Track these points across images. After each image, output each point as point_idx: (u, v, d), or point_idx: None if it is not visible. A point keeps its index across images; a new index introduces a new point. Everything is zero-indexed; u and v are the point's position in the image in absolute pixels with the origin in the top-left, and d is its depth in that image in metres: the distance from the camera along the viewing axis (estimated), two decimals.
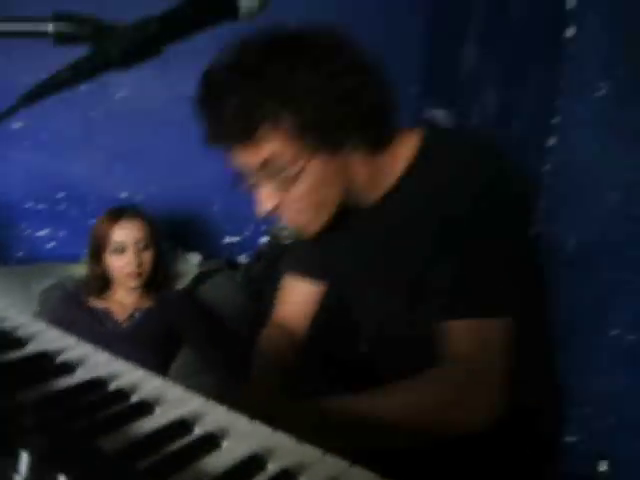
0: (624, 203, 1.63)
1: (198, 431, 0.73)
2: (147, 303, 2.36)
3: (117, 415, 0.74)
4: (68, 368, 0.84)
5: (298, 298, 1.50)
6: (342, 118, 1.10)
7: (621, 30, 1.56)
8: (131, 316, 2.31)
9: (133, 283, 2.32)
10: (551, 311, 1.36)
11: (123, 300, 2.36)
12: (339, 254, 1.39)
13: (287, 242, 2.59)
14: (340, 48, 1.13)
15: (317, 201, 1.17)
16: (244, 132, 1.10)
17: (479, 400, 1.08)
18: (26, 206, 2.88)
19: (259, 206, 1.18)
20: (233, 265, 2.85)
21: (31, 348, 0.89)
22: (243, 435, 0.72)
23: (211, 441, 0.70)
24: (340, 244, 1.35)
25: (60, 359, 0.86)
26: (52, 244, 2.92)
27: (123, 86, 2.78)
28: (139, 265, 2.30)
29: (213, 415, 0.75)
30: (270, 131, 1.09)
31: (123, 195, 2.86)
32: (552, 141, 1.66)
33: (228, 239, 2.94)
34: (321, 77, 1.08)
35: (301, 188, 1.14)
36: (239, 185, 1.20)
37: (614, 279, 1.69)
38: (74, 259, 2.73)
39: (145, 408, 0.76)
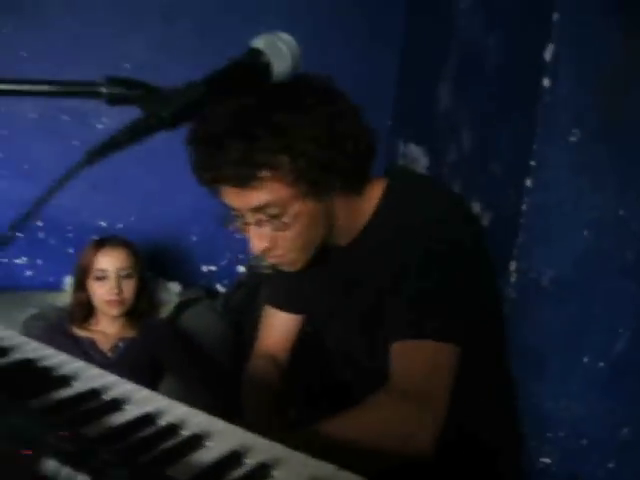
0: (594, 240, 1.76)
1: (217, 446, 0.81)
2: (131, 333, 2.39)
3: (174, 448, 0.81)
4: (118, 404, 0.91)
5: (279, 328, 1.56)
6: (332, 164, 1.15)
7: (592, 82, 1.70)
8: (115, 346, 2.34)
9: (114, 311, 2.34)
10: (520, 345, 1.43)
11: (106, 330, 2.39)
12: (313, 288, 1.45)
13: (265, 272, 2.66)
14: (332, 95, 1.18)
15: (305, 241, 1.23)
16: (244, 178, 1.12)
17: (424, 422, 1.08)
18: (5, 235, 2.89)
19: (252, 245, 1.22)
20: (212, 293, 2.91)
21: (79, 386, 0.95)
22: (224, 436, 0.84)
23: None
24: (314, 280, 1.42)
25: (108, 395, 0.93)
26: (30, 272, 2.94)
27: (103, 116, 2.83)
28: (119, 293, 2.33)
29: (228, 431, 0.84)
30: (268, 177, 1.13)
31: (102, 224, 2.90)
32: (529, 182, 1.79)
33: (205, 268, 3.00)
34: (317, 124, 1.13)
35: (292, 230, 1.19)
36: (228, 223, 1.24)
37: (586, 311, 1.82)
38: (53, 287, 2.75)
39: (197, 440, 0.84)
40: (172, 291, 2.68)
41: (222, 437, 0.86)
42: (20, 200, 2.77)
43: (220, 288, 2.98)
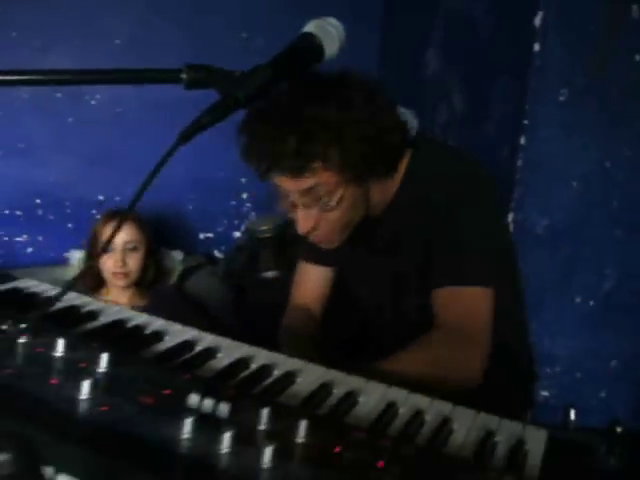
0: (583, 191, 1.93)
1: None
2: (141, 302, 2.48)
3: (274, 383, 0.95)
4: (212, 352, 1.03)
5: (314, 282, 1.68)
6: (374, 156, 1.28)
7: (578, 46, 1.84)
8: None
9: (120, 283, 2.44)
10: (523, 283, 1.60)
11: (117, 299, 2.48)
12: (349, 251, 1.55)
13: (264, 236, 2.78)
14: (374, 93, 1.30)
15: (346, 223, 1.37)
16: (298, 168, 1.24)
17: (468, 361, 1.26)
18: (4, 213, 2.95)
19: (299, 226, 1.34)
20: (211, 260, 3.02)
21: (170, 340, 1.07)
22: (310, 373, 0.99)
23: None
24: (350, 243, 1.52)
25: (200, 346, 1.06)
26: (31, 249, 3.01)
27: (97, 92, 2.89)
28: (124, 266, 2.41)
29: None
30: (319, 167, 1.25)
31: (100, 198, 2.97)
32: (523, 140, 1.94)
33: (203, 235, 3.10)
34: (362, 120, 1.25)
35: (336, 213, 1.32)
36: (277, 204, 1.38)
37: (577, 255, 1.98)
38: (54, 263, 2.83)
39: (289, 377, 0.98)
40: (175, 259, 2.79)
41: (308, 374, 1.00)
42: (16, 178, 2.89)
43: (218, 254, 3.09)
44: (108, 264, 2.42)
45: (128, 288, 2.47)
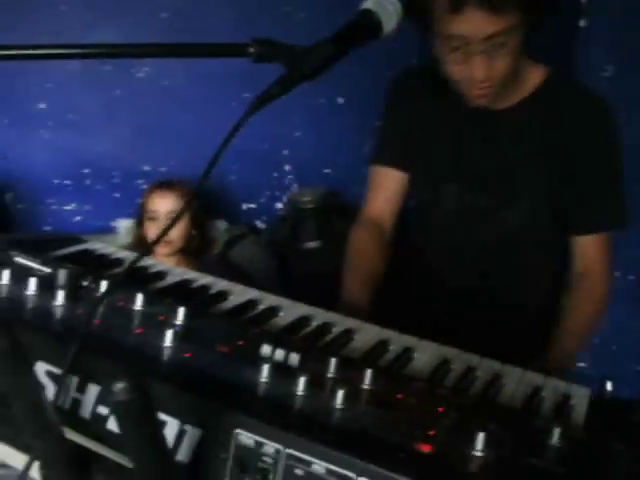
0: (627, 167, 1.95)
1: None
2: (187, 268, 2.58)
3: (335, 339, 1.02)
4: (275, 311, 1.10)
5: (387, 191, 1.63)
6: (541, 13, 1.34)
7: (623, 22, 1.86)
8: None
9: (163, 251, 2.53)
10: None
11: None
12: (437, 143, 1.57)
13: (307, 207, 2.85)
14: None
15: (508, 77, 1.40)
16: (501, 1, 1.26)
17: (606, 300, 1.49)
18: (53, 182, 3.06)
19: (476, 72, 1.35)
20: (253, 230, 3.09)
21: (234, 299, 1.15)
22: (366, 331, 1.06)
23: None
24: (440, 133, 1.56)
25: (263, 305, 1.13)
26: (78, 218, 3.11)
27: (144, 65, 2.96)
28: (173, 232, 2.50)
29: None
30: (513, 6, 1.28)
31: (146, 168, 3.06)
32: None
33: (245, 206, 3.17)
34: None
35: (506, 61, 1.36)
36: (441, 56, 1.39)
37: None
38: (100, 231, 2.93)
39: (348, 334, 1.04)
40: (219, 229, 2.87)
41: (365, 332, 1.06)
42: (66, 148, 2.98)
43: (260, 225, 3.16)
44: (151, 232, 2.51)
45: (173, 256, 2.56)
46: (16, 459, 0.82)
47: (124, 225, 2.87)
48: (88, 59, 1.10)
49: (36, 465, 0.76)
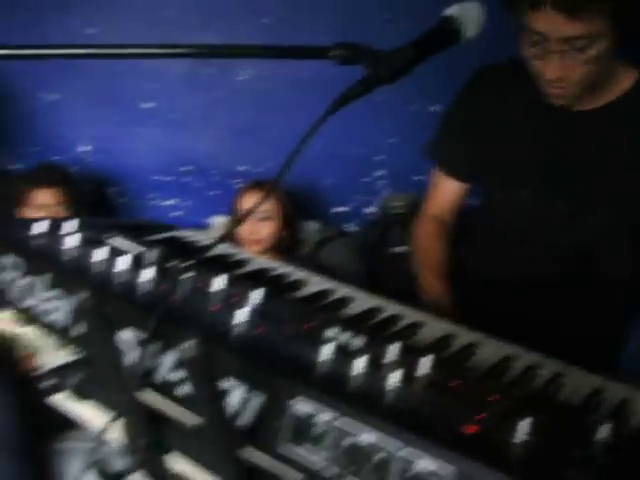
0: None
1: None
2: None
3: (402, 330, 1.06)
4: (345, 301, 1.15)
5: (447, 194, 1.70)
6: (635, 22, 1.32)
7: None
8: None
9: (254, 248, 2.61)
10: None
11: None
12: (514, 146, 1.56)
13: (397, 212, 2.89)
14: None
15: (589, 81, 1.39)
16: (579, 6, 1.26)
17: None
18: (154, 178, 3.22)
19: (549, 72, 1.36)
20: (343, 233, 3.16)
21: (309, 289, 1.20)
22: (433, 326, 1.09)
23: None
24: (520, 135, 1.55)
25: (336, 294, 1.18)
26: (177, 213, 3.26)
27: (245, 69, 3.08)
28: (254, 234, 2.59)
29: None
30: (596, 11, 1.27)
31: (243, 169, 3.17)
32: None
33: (336, 209, 3.23)
34: None
35: (587, 66, 1.35)
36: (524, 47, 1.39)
37: None
38: (197, 227, 3.05)
39: (414, 327, 1.08)
40: (311, 230, 2.94)
41: (432, 326, 1.10)
42: (169, 146, 3.13)
43: (350, 228, 3.22)
44: (242, 231, 2.61)
45: (263, 254, 2.64)
46: (97, 421, 0.90)
47: (218, 222, 2.99)
48: (186, 58, 1.19)
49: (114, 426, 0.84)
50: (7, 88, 3.17)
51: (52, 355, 0.98)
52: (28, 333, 2.49)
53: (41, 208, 2.53)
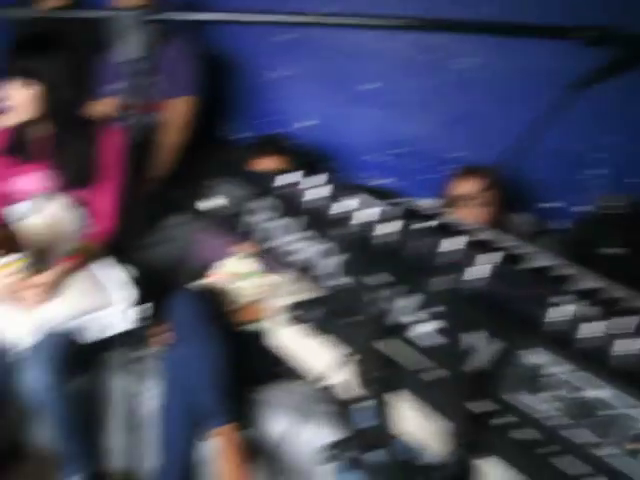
0: None
1: None
2: None
3: None
4: None
5: None
6: None
7: None
8: None
9: None
10: None
11: None
12: None
13: (612, 212, 2.79)
14: None
15: None
16: None
17: None
18: (368, 158, 3.34)
19: None
20: (553, 229, 3.10)
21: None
22: None
23: None
24: None
25: None
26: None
27: (461, 59, 3.12)
28: (472, 218, 2.61)
29: None
30: None
31: (457, 154, 3.20)
32: None
33: (543, 205, 3.17)
34: None
35: None
36: None
37: None
38: None
39: None
40: (522, 221, 2.93)
41: None
42: (385, 128, 3.23)
43: (559, 224, 3.15)
44: (458, 215, 2.65)
45: None
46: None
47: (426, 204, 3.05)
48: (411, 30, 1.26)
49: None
50: (240, 65, 3.44)
51: (295, 291, 1.10)
52: (242, 287, 2.70)
53: None
